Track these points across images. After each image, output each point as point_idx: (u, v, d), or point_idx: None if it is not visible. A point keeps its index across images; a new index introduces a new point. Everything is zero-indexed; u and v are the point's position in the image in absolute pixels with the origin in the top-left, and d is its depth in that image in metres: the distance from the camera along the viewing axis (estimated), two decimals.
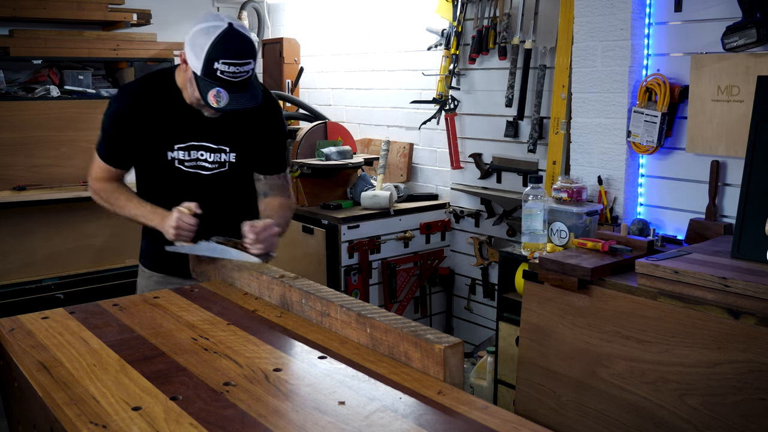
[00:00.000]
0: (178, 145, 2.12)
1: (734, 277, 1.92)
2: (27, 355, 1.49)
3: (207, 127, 2.12)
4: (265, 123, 2.21)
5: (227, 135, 2.15)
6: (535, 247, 2.65)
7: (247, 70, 1.93)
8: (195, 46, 1.90)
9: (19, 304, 3.67)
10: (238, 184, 2.25)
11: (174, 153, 2.12)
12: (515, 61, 3.31)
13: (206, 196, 2.11)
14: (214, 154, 2.15)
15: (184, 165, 2.14)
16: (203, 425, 1.18)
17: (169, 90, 2.10)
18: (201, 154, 2.14)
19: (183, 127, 2.11)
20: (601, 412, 2.24)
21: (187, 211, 1.99)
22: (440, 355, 1.35)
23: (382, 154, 3.85)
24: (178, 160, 2.13)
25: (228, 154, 2.16)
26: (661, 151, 2.70)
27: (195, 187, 2.15)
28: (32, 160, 3.89)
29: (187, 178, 2.15)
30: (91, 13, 4.08)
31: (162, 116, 2.09)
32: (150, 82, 2.14)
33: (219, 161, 2.16)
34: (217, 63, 1.87)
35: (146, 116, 2.09)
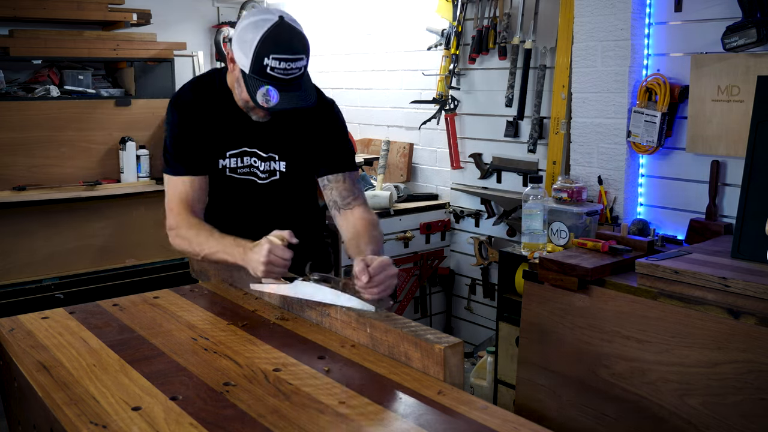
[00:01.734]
0: (230, 152, 1.96)
1: (734, 277, 1.92)
2: (27, 355, 1.49)
3: (258, 133, 1.96)
4: (320, 125, 2.01)
5: (276, 142, 1.98)
6: (535, 247, 2.65)
7: (300, 66, 1.77)
8: (243, 43, 1.76)
9: (19, 304, 3.67)
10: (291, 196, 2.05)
11: (226, 161, 1.97)
12: (515, 61, 3.31)
13: (262, 207, 1.98)
14: (264, 163, 1.99)
15: (237, 173, 1.98)
16: (203, 425, 1.18)
17: (220, 93, 1.95)
18: (254, 160, 1.98)
19: (235, 133, 1.95)
20: (601, 412, 2.24)
21: (279, 241, 1.70)
22: (440, 355, 1.35)
23: (382, 154, 3.85)
24: (229, 168, 1.97)
25: (277, 162, 2.00)
26: (661, 151, 2.70)
27: (250, 197, 2.00)
28: (32, 160, 3.89)
29: (240, 188, 1.99)
30: (91, 13, 4.08)
31: (213, 122, 1.94)
32: (201, 84, 2.00)
33: (269, 170, 2.00)
34: (267, 59, 1.72)
35: (202, 120, 1.94)
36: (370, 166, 4.03)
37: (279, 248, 1.68)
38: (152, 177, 4.25)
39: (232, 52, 1.81)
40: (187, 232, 1.89)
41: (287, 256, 1.69)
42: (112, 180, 4.13)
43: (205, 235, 1.86)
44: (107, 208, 4.09)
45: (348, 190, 2.00)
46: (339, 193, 2.00)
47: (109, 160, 4.15)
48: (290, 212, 2.06)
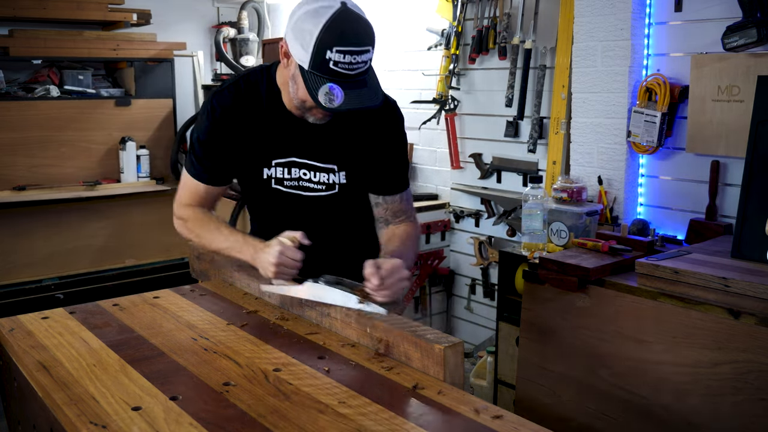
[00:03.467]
0: (277, 161, 1.77)
1: (734, 277, 1.93)
2: (27, 355, 1.49)
3: (312, 140, 1.76)
4: (383, 131, 1.80)
5: (336, 150, 1.78)
6: (535, 247, 2.65)
7: (366, 60, 1.57)
8: (301, 33, 1.55)
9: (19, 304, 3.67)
10: (350, 211, 1.87)
11: (271, 170, 1.78)
12: (515, 61, 3.31)
13: (312, 224, 1.76)
14: (321, 174, 1.79)
15: (284, 185, 1.80)
16: (203, 425, 1.18)
17: (269, 93, 1.75)
18: (304, 172, 1.79)
19: (284, 139, 1.76)
20: (601, 412, 2.24)
21: (290, 242, 1.62)
22: (440, 355, 1.35)
23: None
24: (275, 179, 1.79)
25: (337, 173, 1.79)
26: (661, 151, 2.70)
27: (298, 212, 1.82)
28: (32, 160, 3.90)
29: (287, 202, 1.81)
30: (91, 13, 4.08)
31: (257, 127, 1.75)
32: (247, 82, 1.78)
33: (327, 182, 1.79)
34: (330, 52, 1.52)
35: (242, 124, 1.75)
36: None
37: (290, 249, 1.61)
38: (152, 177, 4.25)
39: (287, 44, 1.61)
40: (195, 224, 1.83)
41: (298, 258, 1.61)
42: (112, 180, 4.13)
43: (214, 230, 1.79)
44: (107, 208, 4.09)
45: (402, 210, 1.87)
46: (393, 213, 1.86)
47: (109, 160, 4.15)
48: (347, 230, 1.87)
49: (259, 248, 1.67)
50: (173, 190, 4.16)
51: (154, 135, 4.33)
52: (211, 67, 5.01)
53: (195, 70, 4.88)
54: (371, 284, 1.54)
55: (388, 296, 1.55)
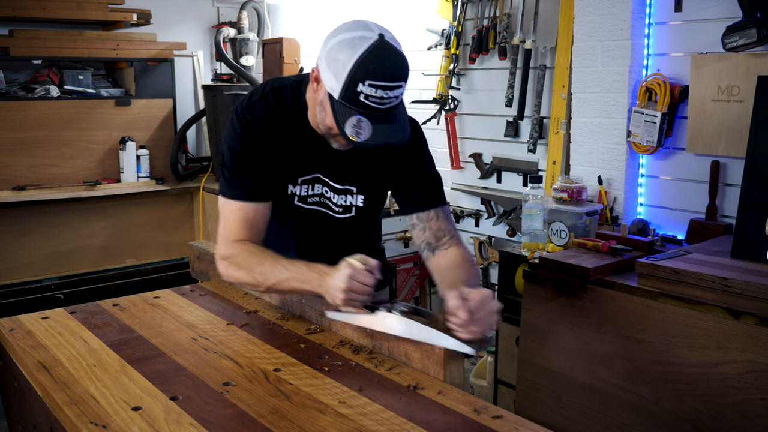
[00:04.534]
0: (302, 178, 1.72)
1: (734, 277, 1.92)
2: (27, 355, 1.49)
3: (334, 160, 1.71)
4: (405, 150, 1.73)
5: (355, 172, 1.74)
6: (535, 247, 2.65)
7: (398, 95, 1.51)
8: (335, 62, 1.50)
9: (19, 304, 3.67)
10: (364, 234, 1.83)
11: (295, 188, 1.72)
12: (515, 61, 3.31)
13: (327, 244, 1.74)
14: (339, 196, 1.75)
15: (306, 202, 1.75)
16: (203, 425, 1.18)
17: (294, 109, 1.70)
18: (326, 190, 1.74)
19: (309, 157, 1.70)
20: (601, 412, 2.24)
21: (361, 265, 1.49)
22: (440, 355, 1.35)
23: None
24: (299, 196, 1.73)
25: (354, 196, 1.75)
26: (661, 151, 2.70)
27: (318, 231, 1.77)
28: (32, 160, 3.90)
29: (306, 217, 1.75)
30: (91, 13, 4.08)
31: (285, 142, 1.69)
32: (276, 97, 1.70)
33: (344, 204, 1.76)
34: (362, 85, 1.47)
35: (273, 139, 1.68)
36: None
37: (361, 273, 1.47)
38: (152, 177, 4.25)
39: (319, 70, 1.56)
40: (248, 260, 1.62)
41: (370, 282, 1.48)
42: (112, 180, 4.13)
43: (270, 263, 1.60)
44: (107, 208, 4.09)
45: (442, 230, 1.74)
46: (433, 233, 1.74)
47: (109, 160, 4.15)
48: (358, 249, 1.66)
49: (325, 273, 1.52)
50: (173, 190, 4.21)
51: (154, 135, 4.33)
52: (211, 67, 5.01)
53: (195, 70, 4.88)
54: (459, 319, 1.37)
55: (476, 333, 1.38)
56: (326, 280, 1.51)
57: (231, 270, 1.65)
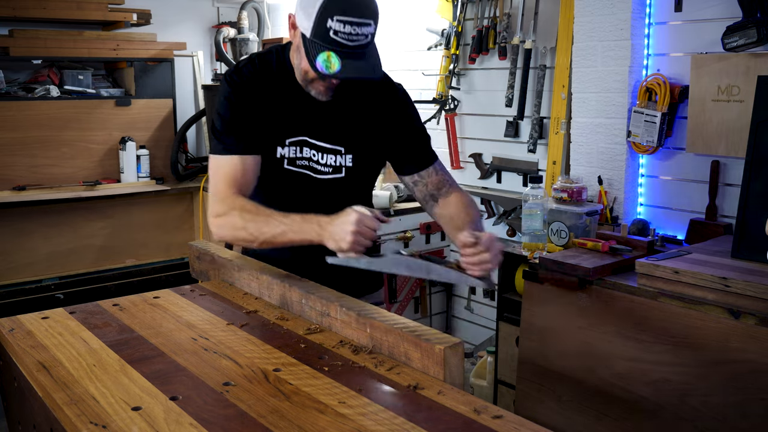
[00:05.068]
0: (290, 140, 1.76)
1: (734, 277, 1.93)
2: (27, 355, 1.49)
3: (322, 120, 1.77)
4: (392, 110, 1.83)
5: (342, 131, 1.79)
6: (535, 247, 2.65)
7: (366, 33, 1.63)
8: (307, 4, 1.60)
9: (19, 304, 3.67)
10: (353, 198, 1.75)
11: (284, 150, 1.76)
12: (515, 61, 3.31)
13: (315, 202, 1.72)
14: (328, 156, 1.78)
15: (295, 165, 1.78)
16: (203, 425, 1.18)
17: (280, 72, 1.77)
18: (314, 153, 1.78)
19: (296, 118, 1.76)
20: (601, 412, 2.24)
21: (367, 211, 1.55)
22: (440, 355, 1.35)
23: None
24: (288, 159, 1.77)
25: (344, 156, 1.79)
26: (661, 151, 2.70)
27: (306, 194, 1.79)
28: (32, 160, 3.90)
29: (295, 180, 1.78)
30: (91, 13, 4.08)
31: (272, 103, 1.75)
32: (262, 60, 1.78)
33: (333, 165, 1.79)
34: (331, 21, 1.56)
35: (259, 100, 1.74)
36: None
37: (368, 218, 1.54)
38: (152, 177, 4.25)
39: (294, 15, 1.66)
40: (242, 216, 1.65)
41: (376, 227, 1.55)
42: (112, 180, 4.13)
43: (264, 217, 1.64)
44: (107, 208, 4.09)
45: (442, 181, 1.87)
46: (435, 186, 1.86)
47: (109, 160, 4.15)
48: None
49: (325, 222, 1.58)
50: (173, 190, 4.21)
51: (154, 135, 4.33)
52: (211, 67, 5.01)
53: (195, 70, 4.88)
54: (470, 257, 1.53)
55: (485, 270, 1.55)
56: (328, 227, 1.56)
57: (224, 229, 1.69)
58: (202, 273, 2.16)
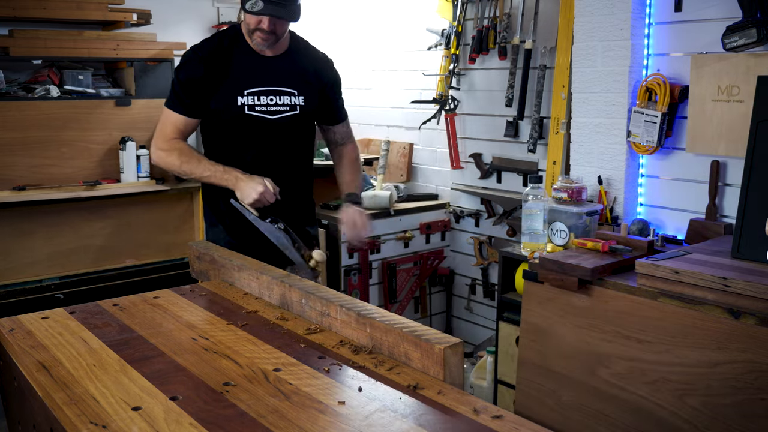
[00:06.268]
0: (249, 90, 2.24)
1: (734, 277, 1.92)
2: (27, 355, 1.50)
3: (275, 72, 2.28)
4: (323, 74, 2.40)
5: (293, 79, 2.30)
6: (535, 247, 2.65)
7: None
8: None
9: (19, 304, 3.67)
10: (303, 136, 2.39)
11: (244, 98, 2.23)
12: (515, 61, 3.31)
13: (273, 144, 2.30)
14: (285, 97, 2.29)
15: (254, 110, 2.25)
16: (203, 425, 1.18)
17: (237, 40, 2.27)
18: (270, 98, 2.27)
19: (252, 73, 2.25)
20: (601, 412, 2.24)
21: (272, 187, 2.14)
22: (440, 355, 1.35)
23: (382, 154, 3.85)
24: (248, 105, 2.24)
25: (297, 97, 2.31)
26: (661, 151, 2.70)
27: (262, 132, 2.28)
28: (32, 160, 3.89)
29: (255, 124, 2.26)
30: (91, 13, 4.07)
31: (231, 63, 2.24)
32: (218, 35, 2.32)
33: (290, 104, 2.30)
34: None
35: (216, 63, 2.23)
36: (370, 166, 4.03)
37: (269, 192, 2.12)
38: (152, 177, 4.24)
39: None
40: (180, 155, 2.23)
41: (273, 200, 2.15)
42: (112, 180, 4.13)
43: (196, 161, 2.23)
44: (107, 208, 4.08)
45: (346, 133, 2.53)
46: (341, 136, 2.52)
47: (109, 160, 4.15)
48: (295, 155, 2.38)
49: (242, 178, 2.16)
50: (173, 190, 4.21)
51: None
52: None
53: None
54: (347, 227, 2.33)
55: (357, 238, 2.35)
56: (241, 182, 2.15)
57: (163, 160, 2.26)
58: (202, 273, 2.16)
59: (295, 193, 2.37)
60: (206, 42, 2.28)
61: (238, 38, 2.27)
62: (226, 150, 2.30)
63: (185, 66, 2.25)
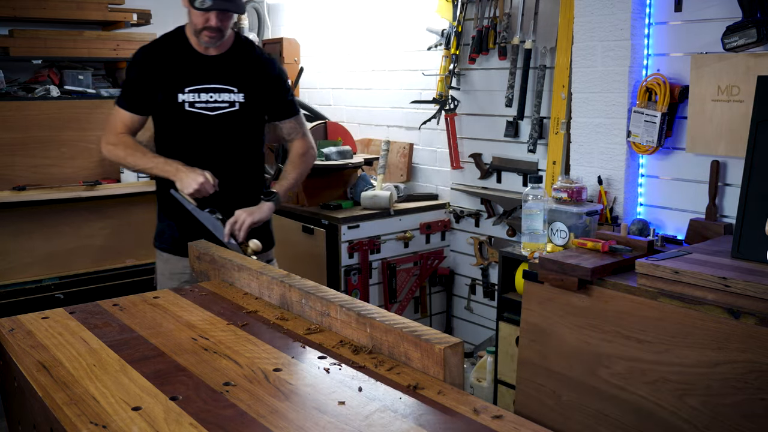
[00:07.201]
0: (189, 88, 2.34)
1: (734, 277, 1.92)
2: (27, 355, 1.50)
3: (216, 70, 2.38)
4: (266, 73, 2.47)
5: (234, 77, 2.39)
6: (535, 247, 2.65)
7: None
8: None
9: (19, 304, 3.67)
10: (246, 132, 2.45)
11: (185, 95, 2.34)
12: (515, 61, 3.31)
13: (213, 139, 2.38)
14: (224, 94, 2.38)
15: (194, 107, 2.35)
16: (203, 425, 1.18)
17: (180, 41, 2.39)
18: (210, 95, 2.36)
19: (193, 72, 2.36)
20: (601, 412, 2.24)
21: (212, 179, 2.25)
22: (440, 355, 1.35)
23: (382, 154, 3.85)
24: (188, 102, 2.34)
25: (236, 94, 2.39)
26: (661, 151, 2.70)
27: (203, 129, 2.36)
28: (32, 160, 3.89)
29: (196, 120, 2.35)
30: (91, 13, 4.08)
31: (174, 63, 2.36)
32: (164, 36, 2.44)
33: (229, 100, 2.38)
34: None
35: (160, 63, 2.36)
36: (370, 166, 4.03)
37: (209, 183, 2.25)
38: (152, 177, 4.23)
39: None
40: (126, 149, 2.37)
41: (212, 192, 2.26)
42: (112, 180, 4.13)
43: (141, 154, 2.36)
44: (107, 208, 4.08)
45: (294, 129, 2.58)
46: (287, 131, 2.57)
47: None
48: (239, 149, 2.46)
49: (183, 169, 2.27)
50: None
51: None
52: None
53: None
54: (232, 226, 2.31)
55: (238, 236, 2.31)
56: (181, 174, 2.26)
57: (111, 154, 2.40)
58: (202, 273, 2.16)
59: (243, 186, 2.46)
60: (153, 43, 2.42)
61: (182, 39, 2.39)
62: (174, 145, 2.41)
63: (132, 66, 2.39)
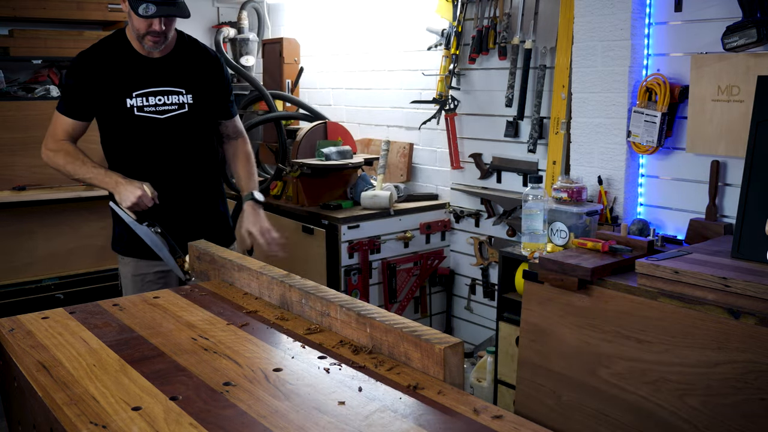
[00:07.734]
0: (137, 92, 2.29)
1: (734, 277, 1.92)
2: (27, 355, 1.49)
3: (162, 72, 2.33)
4: (212, 72, 2.45)
5: (181, 78, 2.36)
6: (535, 247, 2.65)
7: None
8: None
9: (19, 304, 3.67)
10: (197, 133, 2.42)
11: (133, 100, 2.29)
12: (515, 61, 3.31)
13: (164, 142, 2.35)
14: (172, 96, 2.34)
15: (143, 111, 2.30)
16: (203, 425, 1.18)
17: (122, 45, 2.32)
18: (159, 98, 2.32)
19: (139, 75, 2.30)
20: (601, 412, 2.24)
21: (150, 192, 2.20)
22: (440, 355, 1.35)
23: (382, 154, 3.85)
24: (137, 107, 2.29)
25: (185, 95, 2.35)
26: (661, 151, 2.70)
27: (153, 132, 2.32)
28: (32, 160, 3.89)
29: (146, 124, 2.31)
30: (91, 13, 4.08)
31: (118, 67, 2.29)
32: (104, 41, 2.36)
33: (178, 102, 2.34)
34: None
35: (103, 69, 2.29)
36: (370, 166, 4.03)
37: (148, 197, 2.19)
38: None
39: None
40: (66, 156, 2.30)
41: (150, 205, 2.21)
42: None
43: (81, 162, 2.29)
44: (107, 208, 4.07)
45: (236, 129, 2.59)
46: (232, 130, 2.58)
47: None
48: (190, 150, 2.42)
49: (121, 182, 2.22)
50: None
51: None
52: None
53: None
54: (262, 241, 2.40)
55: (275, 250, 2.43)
56: (123, 186, 2.21)
57: (51, 160, 2.33)
58: (202, 273, 2.16)
59: (199, 186, 2.45)
60: (93, 47, 2.34)
61: (124, 42, 2.32)
62: (122, 152, 2.37)
63: (73, 71, 2.31)
